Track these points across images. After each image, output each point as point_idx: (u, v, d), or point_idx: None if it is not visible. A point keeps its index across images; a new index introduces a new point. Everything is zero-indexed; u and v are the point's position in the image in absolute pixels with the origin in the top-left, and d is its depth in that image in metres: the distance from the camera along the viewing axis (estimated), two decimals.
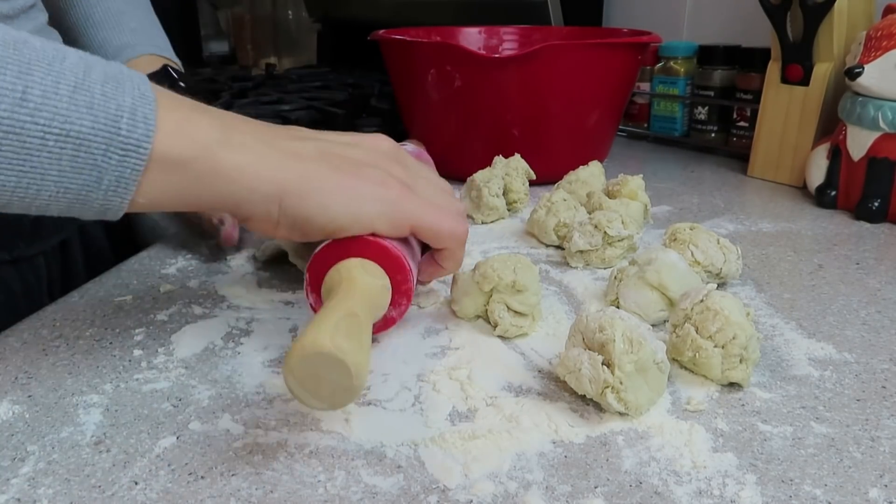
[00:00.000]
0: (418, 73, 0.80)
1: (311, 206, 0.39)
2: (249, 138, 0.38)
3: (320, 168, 0.40)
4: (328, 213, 0.39)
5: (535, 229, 0.62)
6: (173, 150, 0.35)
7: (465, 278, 0.47)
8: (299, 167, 0.39)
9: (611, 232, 0.55)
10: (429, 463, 0.33)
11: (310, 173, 0.39)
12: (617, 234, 0.55)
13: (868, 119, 0.66)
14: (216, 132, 0.37)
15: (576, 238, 0.56)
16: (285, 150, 0.39)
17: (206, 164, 0.36)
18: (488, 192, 0.66)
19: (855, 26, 0.74)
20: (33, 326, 0.47)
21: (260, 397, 0.39)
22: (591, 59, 0.75)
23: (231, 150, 0.37)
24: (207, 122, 0.37)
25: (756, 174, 0.83)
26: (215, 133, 0.37)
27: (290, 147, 0.40)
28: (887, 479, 0.32)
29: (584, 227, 0.56)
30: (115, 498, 0.31)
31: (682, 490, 0.32)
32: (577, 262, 0.57)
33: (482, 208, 0.67)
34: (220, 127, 0.37)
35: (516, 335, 0.45)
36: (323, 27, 1.72)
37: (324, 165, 0.40)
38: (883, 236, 0.64)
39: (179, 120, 0.36)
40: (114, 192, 0.34)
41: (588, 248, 0.55)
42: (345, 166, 0.40)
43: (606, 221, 0.55)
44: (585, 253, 0.56)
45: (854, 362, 0.42)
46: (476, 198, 0.67)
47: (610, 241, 0.55)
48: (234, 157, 0.37)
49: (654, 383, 0.37)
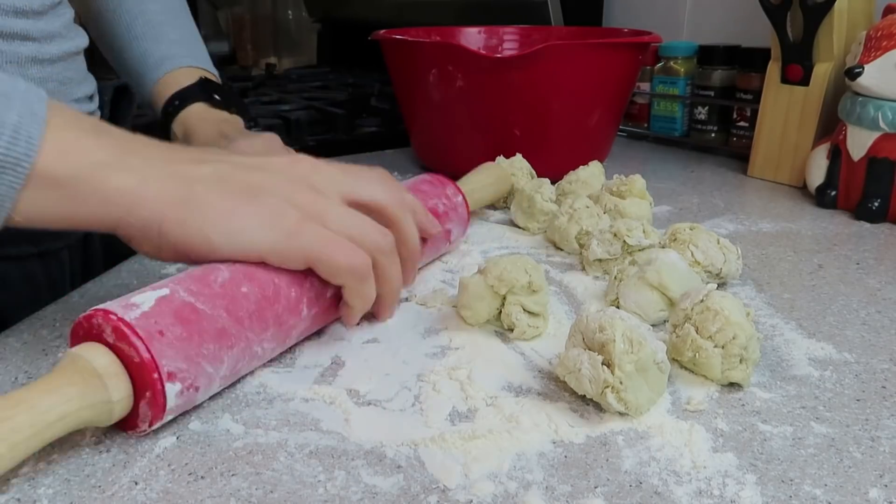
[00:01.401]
0: (419, 73, 0.80)
1: (191, 234, 0.37)
2: (139, 161, 0.38)
3: (208, 194, 0.38)
4: (210, 243, 0.38)
5: (555, 236, 0.60)
6: (54, 171, 0.35)
7: (475, 282, 0.45)
8: (183, 192, 0.38)
9: (631, 241, 0.52)
10: (429, 463, 0.33)
11: (194, 199, 0.38)
12: (637, 244, 0.52)
13: (868, 119, 0.66)
14: (104, 154, 0.37)
15: (593, 246, 0.53)
16: (175, 174, 0.38)
17: (88, 185, 0.36)
18: (541, 197, 0.63)
19: (855, 26, 0.74)
20: (33, 326, 0.47)
21: (260, 397, 0.39)
22: (591, 59, 0.75)
23: (115, 172, 0.37)
24: (97, 143, 0.37)
25: (756, 174, 0.83)
26: (103, 155, 0.37)
27: (181, 171, 0.39)
28: (887, 479, 0.32)
29: (602, 234, 0.54)
30: (115, 498, 0.31)
31: (682, 490, 0.32)
32: (594, 272, 0.54)
33: (536, 215, 0.63)
34: (111, 148, 0.37)
35: (533, 336, 0.45)
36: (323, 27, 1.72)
37: (214, 191, 0.38)
38: (883, 236, 0.64)
39: (68, 140, 0.36)
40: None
41: (607, 256, 0.53)
42: (239, 192, 0.39)
43: (627, 230, 0.52)
44: (604, 262, 0.54)
45: (854, 362, 0.42)
46: (528, 207, 0.64)
47: (630, 250, 0.52)
48: (116, 179, 0.36)
49: (655, 383, 0.37)
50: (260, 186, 0.40)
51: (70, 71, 0.58)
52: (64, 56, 0.57)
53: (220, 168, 0.40)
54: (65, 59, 0.57)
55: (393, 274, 0.44)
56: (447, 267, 0.57)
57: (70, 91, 0.58)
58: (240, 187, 0.39)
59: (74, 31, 0.60)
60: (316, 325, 0.44)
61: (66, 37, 0.58)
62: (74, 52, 0.59)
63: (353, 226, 0.41)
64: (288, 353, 0.43)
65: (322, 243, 0.39)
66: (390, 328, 0.47)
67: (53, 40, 0.55)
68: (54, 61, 0.55)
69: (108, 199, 0.36)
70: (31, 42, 0.53)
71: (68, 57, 0.57)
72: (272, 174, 0.41)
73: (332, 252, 0.39)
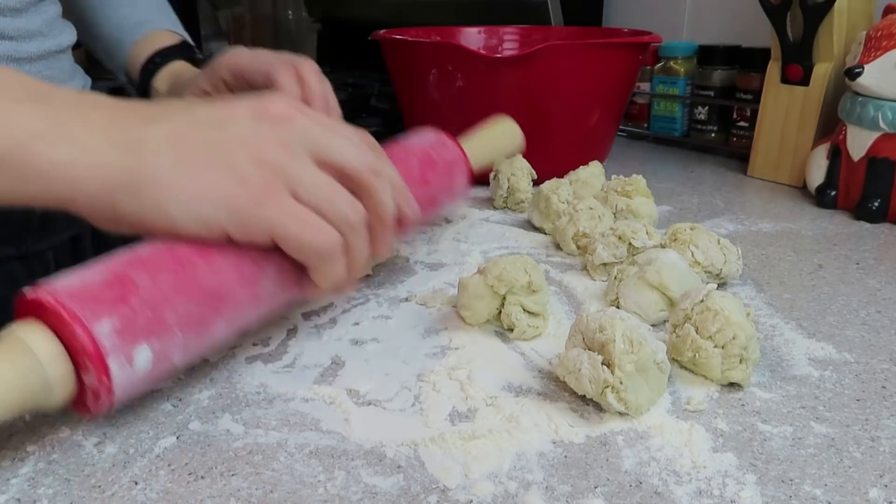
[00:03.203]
0: (419, 73, 0.80)
1: (146, 206, 0.34)
2: (80, 129, 0.34)
3: (161, 160, 0.34)
4: (166, 214, 0.34)
5: (556, 236, 0.60)
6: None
7: (475, 282, 0.45)
8: (132, 160, 0.34)
9: (636, 243, 0.52)
10: (429, 463, 0.33)
11: (146, 167, 0.34)
12: (642, 246, 0.52)
13: (868, 119, 0.66)
14: (39, 123, 0.33)
15: (599, 250, 0.53)
16: (124, 139, 0.34)
17: (21, 160, 0.33)
18: (557, 198, 0.63)
19: (855, 26, 0.74)
20: None
21: (260, 397, 0.39)
22: (591, 59, 0.75)
23: (51, 144, 0.33)
24: (33, 113, 0.34)
25: (756, 174, 0.83)
26: (37, 125, 0.33)
27: (131, 135, 0.35)
28: (887, 479, 0.32)
29: (606, 238, 0.53)
30: (115, 498, 0.31)
31: (682, 490, 0.32)
32: (600, 276, 0.54)
33: (551, 216, 0.63)
34: (48, 118, 0.34)
35: (533, 336, 0.45)
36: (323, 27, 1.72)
37: (169, 156, 0.34)
38: (883, 236, 0.64)
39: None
40: None
41: (612, 260, 0.52)
42: (197, 156, 0.35)
43: (631, 232, 0.52)
44: (609, 265, 0.53)
45: (854, 362, 0.42)
46: (545, 207, 0.64)
47: (635, 252, 0.51)
48: (53, 151, 0.33)
49: (655, 383, 0.37)
50: (224, 147, 0.35)
51: (52, 70, 0.57)
52: (45, 55, 0.55)
53: (177, 127, 0.36)
54: (45, 57, 0.56)
55: (359, 251, 0.39)
56: (447, 267, 0.57)
57: None
58: (200, 149, 0.35)
59: (59, 28, 0.59)
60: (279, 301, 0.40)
61: (48, 35, 0.57)
62: (57, 51, 0.58)
63: (322, 198, 0.37)
64: (288, 353, 0.43)
65: (287, 218, 0.35)
66: (390, 328, 0.47)
67: (33, 39, 0.54)
68: (33, 60, 0.54)
69: (46, 175, 0.33)
70: (7, 41, 0.52)
71: (49, 55, 0.56)
72: (236, 128, 0.36)
73: (297, 229, 0.36)
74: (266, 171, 0.35)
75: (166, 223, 0.35)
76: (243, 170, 0.35)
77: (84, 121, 0.35)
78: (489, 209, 0.72)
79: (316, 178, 0.37)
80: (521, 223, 0.68)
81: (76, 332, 0.31)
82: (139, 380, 0.33)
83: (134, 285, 0.33)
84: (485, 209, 0.72)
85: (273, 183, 0.35)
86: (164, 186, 0.34)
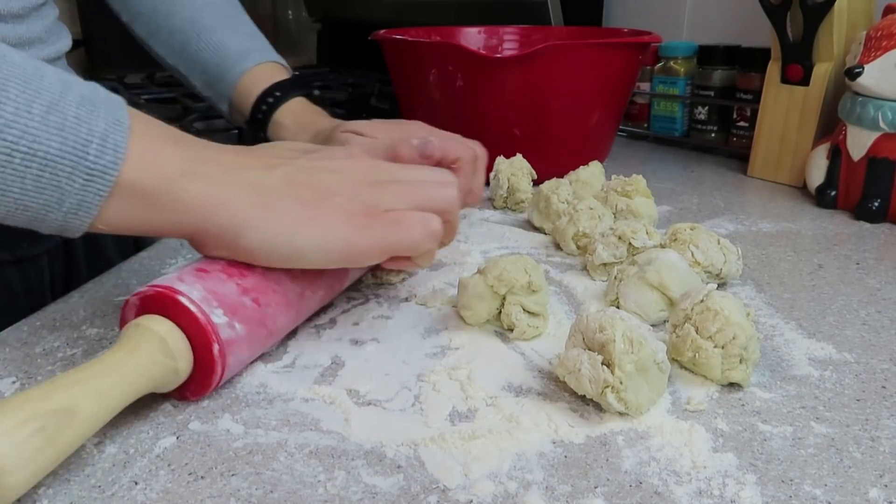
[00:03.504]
0: (420, 73, 0.80)
1: (267, 238, 0.39)
2: (215, 169, 0.39)
3: (282, 199, 0.39)
4: (293, 243, 0.39)
5: (556, 237, 0.60)
6: (139, 181, 0.36)
7: (475, 282, 0.45)
8: (259, 199, 0.39)
9: (636, 243, 0.52)
10: (429, 463, 0.33)
11: (271, 205, 0.39)
12: (643, 246, 0.52)
13: (868, 119, 0.66)
14: (184, 163, 0.37)
15: (599, 250, 0.53)
16: (249, 180, 0.39)
17: (169, 195, 0.37)
18: (557, 198, 0.63)
19: (855, 26, 0.74)
20: (33, 326, 0.47)
21: (260, 397, 0.39)
22: (591, 59, 0.75)
23: (194, 181, 0.37)
24: (176, 152, 0.38)
25: (756, 174, 0.83)
26: (183, 164, 0.37)
27: (254, 178, 0.40)
28: (887, 479, 0.32)
29: (606, 238, 0.53)
30: (115, 498, 0.31)
31: (682, 490, 0.32)
32: (600, 276, 0.54)
33: (551, 216, 0.63)
34: (188, 158, 0.38)
35: (532, 336, 0.45)
36: (323, 27, 1.72)
37: (287, 197, 0.40)
38: (883, 236, 0.64)
39: (150, 150, 0.36)
40: (73, 214, 0.35)
41: (613, 260, 0.52)
42: (309, 196, 0.40)
43: (631, 232, 0.52)
44: (609, 265, 0.53)
45: (854, 362, 0.42)
46: (544, 207, 0.64)
47: (635, 252, 0.51)
48: (195, 188, 0.37)
49: (655, 383, 0.37)
50: (329, 189, 0.41)
51: None
52: (44, 61, 0.55)
53: (288, 172, 0.41)
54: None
55: (455, 223, 0.46)
56: (447, 267, 0.57)
57: None
58: (310, 191, 0.40)
59: (56, 33, 0.59)
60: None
61: (47, 41, 0.57)
62: (54, 58, 0.58)
63: (417, 195, 0.42)
64: (288, 353, 0.43)
65: (390, 228, 0.40)
66: (390, 328, 0.47)
67: (32, 46, 0.54)
68: None
69: (189, 208, 0.37)
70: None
71: (48, 62, 0.56)
72: (338, 175, 0.42)
73: (405, 234, 0.41)
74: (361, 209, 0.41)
75: (294, 254, 0.39)
76: (345, 207, 0.40)
77: (217, 161, 0.39)
78: (489, 209, 0.72)
79: (400, 175, 0.43)
80: (521, 223, 0.68)
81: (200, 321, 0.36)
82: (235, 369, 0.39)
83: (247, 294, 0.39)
84: (485, 209, 0.72)
85: (370, 209, 0.41)
86: (288, 223, 0.39)
